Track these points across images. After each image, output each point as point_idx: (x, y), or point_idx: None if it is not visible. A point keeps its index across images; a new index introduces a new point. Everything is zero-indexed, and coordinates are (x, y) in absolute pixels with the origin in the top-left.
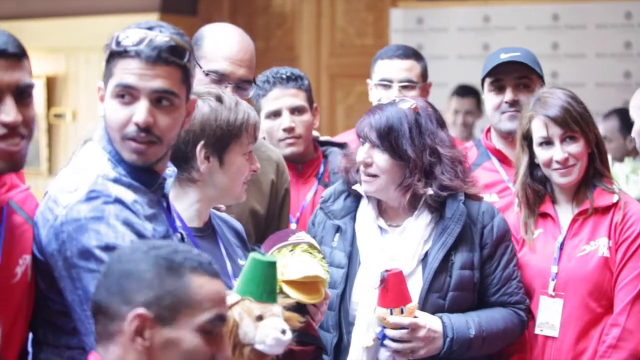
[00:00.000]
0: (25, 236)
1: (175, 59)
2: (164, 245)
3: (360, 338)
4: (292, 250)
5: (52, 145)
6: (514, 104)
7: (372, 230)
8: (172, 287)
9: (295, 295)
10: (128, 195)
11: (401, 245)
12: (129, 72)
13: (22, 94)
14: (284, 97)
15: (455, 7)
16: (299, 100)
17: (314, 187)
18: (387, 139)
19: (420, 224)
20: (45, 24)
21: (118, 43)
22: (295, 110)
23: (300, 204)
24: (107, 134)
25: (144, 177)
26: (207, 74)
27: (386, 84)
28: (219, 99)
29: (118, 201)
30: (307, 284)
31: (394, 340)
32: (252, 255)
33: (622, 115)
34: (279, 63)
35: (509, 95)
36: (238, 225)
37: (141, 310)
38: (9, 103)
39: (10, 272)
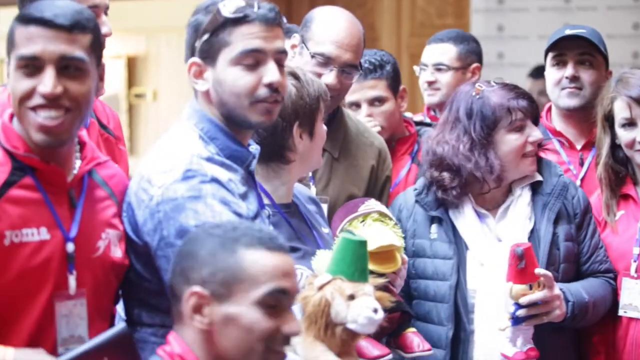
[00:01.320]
0: (108, 211)
1: (281, 20)
2: (225, 224)
3: (488, 322)
4: (363, 221)
5: (133, 125)
6: (574, 79)
7: (471, 216)
8: (224, 263)
9: (372, 267)
10: (223, 174)
11: (506, 225)
12: (253, 36)
13: (68, 67)
14: (362, 90)
15: None
16: (378, 90)
17: (407, 165)
18: None
19: (524, 201)
20: (126, 4)
21: (231, 11)
22: (375, 101)
23: (392, 181)
24: (202, 110)
25: (237, 153)
26: (313, 56)
27: (422, 68)
28: (296, 77)
29: (214, 180)
30: (383, 254)
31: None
32: (343, 234)
33: None
34: None
35: (569, 70)
36: (310, 192)
37: (196, 288)
38: (49, 73)
39: (92, 245)
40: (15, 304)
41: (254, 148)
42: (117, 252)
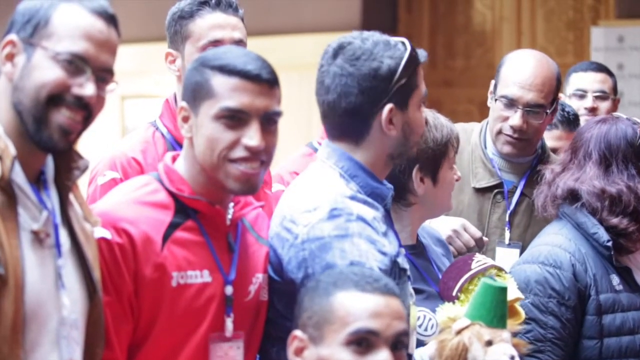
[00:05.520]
0: (256, 255)
1: None
2: (334, 271)
3: None
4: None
5: None
6: None
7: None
8: (318, 307)
9: None
10: (367, 212)
11: None
12: (423, 78)
13: (268, 121)
14: (552, 139)
15: None
16: (565, 143)
17: None
18: None
19: None
20: (249, 42)
21: (424, 56)
22: (555, 151)
23: None
24: (340, 149)
25: (378, 190)
26: (496, 100)
27: (581, 94)
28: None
29: (360, 218)
30: (509, 307)
31: None
32: (484, 280)
33: None
34: (480, 81)
35: None
36: (437, 233)
37: (296, 332)
38: (255, 128)
39: (245, 290)
40: (171, 345)
41: (390, 186)
42: (265, 295)
